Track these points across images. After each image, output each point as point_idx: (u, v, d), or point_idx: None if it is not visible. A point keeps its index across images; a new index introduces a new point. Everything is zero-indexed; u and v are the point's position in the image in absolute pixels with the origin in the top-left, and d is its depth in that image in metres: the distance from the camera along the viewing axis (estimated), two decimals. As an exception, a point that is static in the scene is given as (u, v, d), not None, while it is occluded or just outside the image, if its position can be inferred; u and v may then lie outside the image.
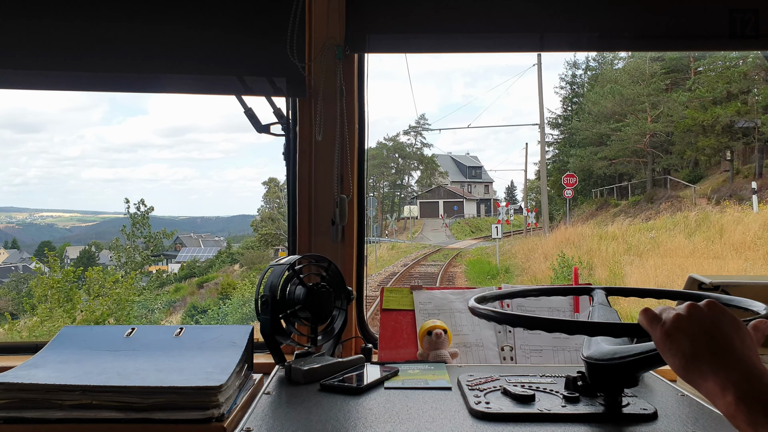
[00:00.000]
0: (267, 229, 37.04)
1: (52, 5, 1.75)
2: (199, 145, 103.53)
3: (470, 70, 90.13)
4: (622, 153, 25.82)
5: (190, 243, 47.74)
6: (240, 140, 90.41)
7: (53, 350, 1.43)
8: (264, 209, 39.76)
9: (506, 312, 1.09)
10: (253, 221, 41.24)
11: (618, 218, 20.40)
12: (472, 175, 49.23)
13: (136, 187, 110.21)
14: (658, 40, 1.79)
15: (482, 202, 47.59)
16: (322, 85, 1.76)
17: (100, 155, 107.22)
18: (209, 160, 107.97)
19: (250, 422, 1.04)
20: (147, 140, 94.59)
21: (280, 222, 36.31)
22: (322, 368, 1.30)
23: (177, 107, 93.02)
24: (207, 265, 31.07)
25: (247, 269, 26.27)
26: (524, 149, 41.57)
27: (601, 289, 1.28)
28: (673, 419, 1.06)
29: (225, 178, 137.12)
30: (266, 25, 1.76)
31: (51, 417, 1.19)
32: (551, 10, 1.77)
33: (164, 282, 25.13)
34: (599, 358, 1.06)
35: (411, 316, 1.67)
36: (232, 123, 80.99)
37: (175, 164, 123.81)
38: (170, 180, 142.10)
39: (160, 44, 1.77)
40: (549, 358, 1.60)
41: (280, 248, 33.91)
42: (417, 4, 1.77)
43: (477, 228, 39.12)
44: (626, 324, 0.97)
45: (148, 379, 1.23)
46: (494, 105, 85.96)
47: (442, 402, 1.15)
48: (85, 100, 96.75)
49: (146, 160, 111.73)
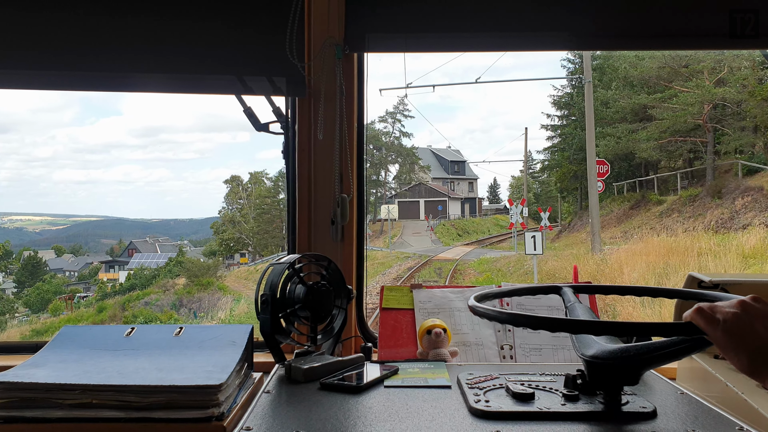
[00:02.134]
0: (228, 233, 34.82)
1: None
2: (173, 145, 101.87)
3: (449, 70, 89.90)
4: (672, 131, 20.04)
5: (146, 248, 44.85)
6: (215, 140, 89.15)
7: (53, 349, 1.43)
8: (225, 211, 37.08)
9: (505, 311, 1.09)
10: (213, 224, 38.50)
11: (669, 219, 16.14)
12: (454, 171, 44.45)
13: (108, 189, 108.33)
14: (659, 39, 1.80)
15: (467, 201, 43.29)
16: (322, 84, 1.76)
17: (72, 156, 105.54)
18: (184, 160, 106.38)
19: (250, 421, 1.04)
20: (120, 141, 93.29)
21: (242, 225, 34.53)
22: (322, 367, 1.30)
23: (151, 107, 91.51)
24: (151, 276, 28.25)
25: (191, 283, 23.78)
26: (523, 135, 36.36)
27: (568, 287, 1.29)
28: (672, 417, 1.06)
29: (200, 179, 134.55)
30: (266, 25, 1.76)
31: (51, 416, 1.19)
32: (552, 9, 1.77)
33: (105, 294, 23.53)
34: (604, 356, 1.06)
35: (411, 315, 1.67)
36: (208, 123, 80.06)
37: (149, 165, 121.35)
38: (144, 182, 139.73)
39: (160, 44, 1.77)
40: (548, 356, 1.60)
41: (244, 253, 32.06)
42: (417, 4, 1.77)
43: (464, 230, 35.34)
44: (632, 323, 0.98)
45: (148, 378, 1.23)
46: (471, 105, 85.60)
47: (441, 400, 1.15)
48: (57, 100, 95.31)
49: (119, 161, 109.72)
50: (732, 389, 1.25)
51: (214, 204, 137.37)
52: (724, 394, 1.27)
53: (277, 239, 34.38)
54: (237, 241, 34.70)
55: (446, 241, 31.06)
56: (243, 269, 29.66)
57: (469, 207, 43.01)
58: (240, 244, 34.79)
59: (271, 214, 35.06)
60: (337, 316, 1.49)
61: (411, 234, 32.85)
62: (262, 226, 34.66)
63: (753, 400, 1.19)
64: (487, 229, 37.46)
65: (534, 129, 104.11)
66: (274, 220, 34.87)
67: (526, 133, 34.66)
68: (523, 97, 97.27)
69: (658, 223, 16.52)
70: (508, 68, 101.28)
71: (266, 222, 34.85)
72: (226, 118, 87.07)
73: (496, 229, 37.06)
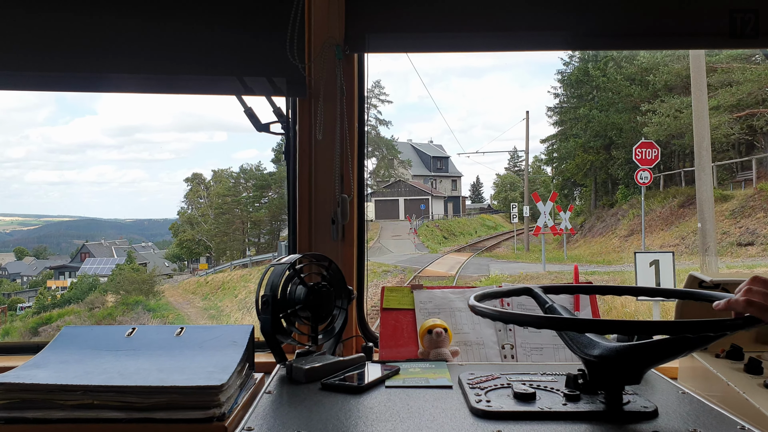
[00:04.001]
0: (186, 235, 31.65)
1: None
2: (149, 145, 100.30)
3: (428, 71, 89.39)
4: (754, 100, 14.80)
5: (100, 252, 40.31)
6: (192, 139, 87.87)
7: (54, 350, 1.43)
8: (185, 211, 33.83)
9: (504, 310, 1.09)
10: (172, 225, 35.06)
11: (751, 220, 11.42)
12: (437, 168, 40.27)
13: (82, 190, 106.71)
14: (659, 38, 1.80)
15: (450, 199, 39.34)
16: (322, 84, 1.76)
17: (46, 157, 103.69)
18: (159, 161, 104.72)
19: (251, 421, 1.04)
20: (95, 140, 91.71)
21: (202, 226, 31.25)
22: (323, 367, 1.30)
23: (127, 106, 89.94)
24: (89, 287, 23.86)
25: (120, 302, 19.97)
26: (524, 119, 31.29)
27: (539, 288, 1.29)
28: (673, 417, 1.06)
29: (176, 179, 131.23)
30: (266, 26, 1.76)
31: (52, 417, 1.19)
32: (551, 9, 1.77)
33: (44, 306, 20.14)
34: (608, 355, 1.06)
35: (411, 315, 1.67)
36: (184, 122, 79.02)
37: (124, 165, 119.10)
38: (118, 182, 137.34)
39: (160, 44, 1.78)
40: (550, 356, 1.60)
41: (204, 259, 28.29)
42: (416, 4, 1.77)
43: (449, 232, 31.12)
44: (639, 322, 0.98)
45: (149, 378, 1.23)
46: (450, 106, 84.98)
47: (443, 400, 1.15)
48: (32, 99, 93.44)
49: (94, 162, 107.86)
50: (733, 389, 1.25)
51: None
52: (726, 394, 1.27)
53: (237, 243, 31.44)
54: (198, 244, 31.85)
55: (432, 246, 26.46)
56: (193, 280, 25.93)
57: (453, 206, 39.43)
58: (201, 247, 31.89)
59: (230, 215, 31.98)
60: (337, 316, 1.49)
61: (390, 237, 28.31)
62: (220, 228, 31.62)
63: (754, 400, 1.19)
64: (474, 230, 33.86)
65: (515, 131, 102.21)
66: (234, 221, 31.85)
67: (528, 117, 31.04)
68: (502, 98, 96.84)
69: (733, 226, 12.23)
70: (487, 68, 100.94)
71: (225, 224, 31.68)
72: (204, 118, 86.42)
73: (484, 230, 34.12)
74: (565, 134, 26.51)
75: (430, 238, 28.40)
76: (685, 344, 1.03)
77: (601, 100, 22.56)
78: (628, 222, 16.95)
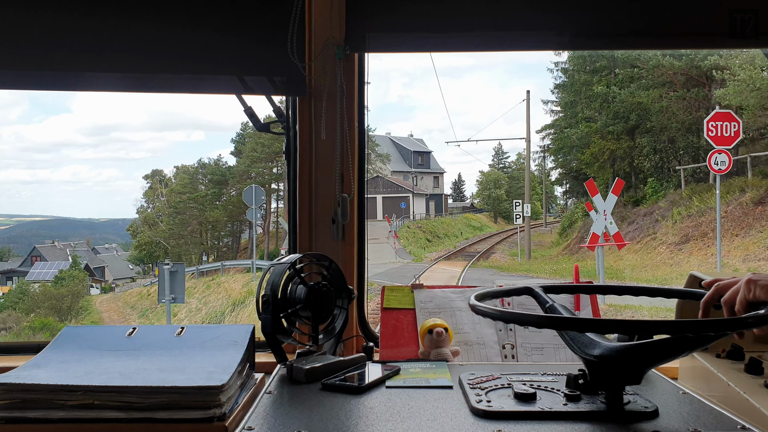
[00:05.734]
0: (143, 236, 28.61)
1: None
2: (125, 144, 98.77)
3: (408, 71, 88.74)
4: None
5: (53, 255, 36.46)
6: (168, 138, 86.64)
7: (55, 350, 1.43)
8: (144, 210, 30.90)
9: (505, 310, 1.09)
10: (130, 225, 31.80)
11: None
12: (418, 164, 37.20)
13: (55, 189, 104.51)
14: (658, 38, 1.80)
15: (432, 197, 36.47)
16: (323, 84, 1.76)
17: (19, 155, 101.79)
18: (135, 160, 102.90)
19: (252, 421, 1.04)
20: (70, 139, 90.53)
21: (159, 227, 27.97)
22: (323, 367, 1.30)
23: (103, 105, 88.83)
24: (19, 297, 20.40)
25: (27, 326, 15.69)
26: (524, 101, 23.64)
27: (539, 288, 1.29)
28: (674, 417, 1.06)
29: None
30: (266, 25, 1.76)
31: (53, 417, 1.19)
32: (551, 9, 1.77)
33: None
34: (608, 355, 1.06)
35: (412, 314, 1.67)
36: (161, 121, 78.08)
37: (99, 164, 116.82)
38: (93, 181, 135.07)
39: (160, 44, 1.77)
40: (550, 355, 1.60)
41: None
42: (417, 4, 1.77)
43: (433, 234, 28.13)
44: (644, 321, 0.98)
45: (150, 378, 1.23)
46: (430, 105, 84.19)
47: (443, 401, 1.15)
48: (5, 97, 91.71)
49: (68, 161, 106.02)
50: (734, 389, 1.25)
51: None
52: (726, 394, 1.27)
53: (192, 246, 27.71)
54: (158, 246, 28.76)
55: (416, 252, 22.89)
56: (135, 291, 22.86)
57: (435, 205, 36.44)
58: (161, 250, 28.66)
59: (186, 215, 28.82)
60: (338, 316, 1.49)
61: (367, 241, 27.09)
62: (175, 229, 28.25)
63: (755, 400, 1.19)
64: (459, 231, 31.00)
65: (494, 129, 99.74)
66: (190, 222, 28.45)
67: (528, 97, 24.91)
68: (481, 98, 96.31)
69: None
70: (468, 68, 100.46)
71: (180, 224, 28.51)
72: (181, 116, 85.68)
73: (469, 231, 31.53)
74: (576, 117, 21.46)
75: (413, 241, 25.53)
76: (685, 344, 1.03)
77: (622, 74, 18.90)
78: (676, 225, 12.42)
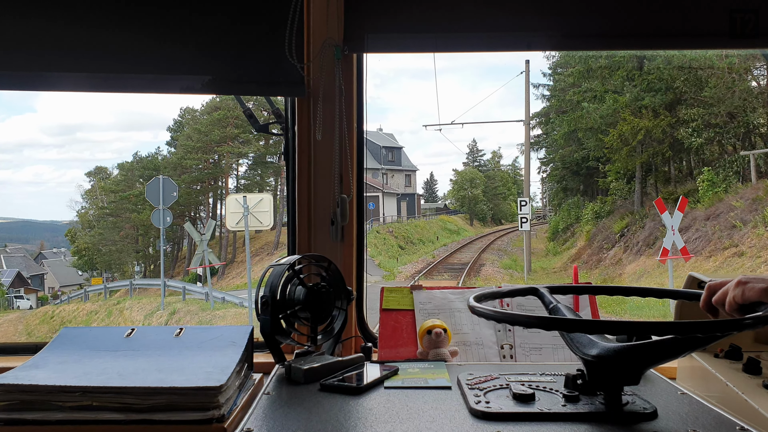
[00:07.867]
0: (82, 242, 24.76)
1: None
2: (90, 144, 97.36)
3: (380, 72, 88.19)
4: None
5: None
6: (135, 138, 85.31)
7: (53, 351, 1.42)
8: (85, 212, 26.94)
9: (504, 311, 1.09)
10: (69, 230, 27.81)
11: None
12: (388, 160, 33.78)
13: (17, 191, 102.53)
14: (658, 38, 1.80)
15: (404, 197, 33.21)
16: (321, 85, 1.76)
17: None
18: (101, 160, 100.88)
19: (251, 422, 1.04)
20: (33, 139, 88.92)
21: (96, 231, 24.04)
22: (322, 367, 1.30)
23: (68, 104, 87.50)
24: None
25: None
26: (523, 72, 20.29)
27: (545, 288, 1.29)
28: (673, 418, 1.06)
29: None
30: (265, 26, 1.76)
31: (51, 419, 1.19)
32: (551, 10, 1.77)
33: None
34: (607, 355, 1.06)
35: (411, 315, 1.67)
36: (128, 121, 77.20)
37: (63, 165, 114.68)
38: (56, 182, 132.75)
39: (160, 44, 1.77)
40: (549, 356, 1.60)
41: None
42: (416, 4, 1.77)
43: (407, 240, 24.35)
44: (649, 322, 0.98)
45: (149, 379, 1.23)
46: (401, 107, 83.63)
47: (442, 401, 1.15)
48: None
49: (31, 161, 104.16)
50: (732, 389, 1.25)
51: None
52: (725, 394, 1.27)
53: (126, 254, 23.90)
54: (98, 252, 24.81)
55: (387, 265, 18.84)
56: (42, 311, 18.88)
57: (407, 205, 33.21)
58: (100, 256, 24.68)
59: (118, 218, 25.08)
60: (337, 317, 1.49)
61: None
62: (105, 234, 24.66)
63: (753, 400, 1.19)
64: (435, 236, 27.52)
65: (464, 132, 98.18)
66: (122, 225, 24.75)
67: (527, 66, 19.76)
68: (449, 99, 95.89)
69: None
70: (440, 70, 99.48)
71: (110, 228, 24.72)
72: (148, 116, 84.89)
73: (446, 236, 27.99)
74: (593, 93, 16.80)
75: (383, 249, 21.15)
76: (684, 344, 1.03)
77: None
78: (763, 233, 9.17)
